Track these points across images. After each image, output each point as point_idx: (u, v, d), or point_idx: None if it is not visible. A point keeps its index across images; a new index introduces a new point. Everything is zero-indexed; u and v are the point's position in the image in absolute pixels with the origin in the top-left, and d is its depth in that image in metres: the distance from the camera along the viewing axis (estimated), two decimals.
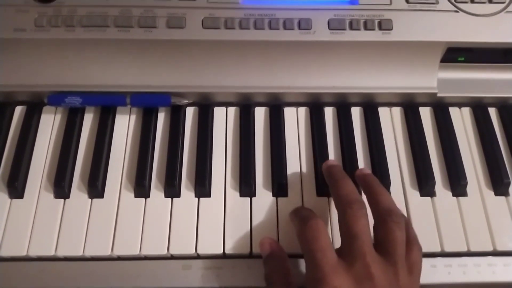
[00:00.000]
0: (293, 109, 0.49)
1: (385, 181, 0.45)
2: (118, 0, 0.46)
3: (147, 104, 0.48)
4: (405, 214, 0.44)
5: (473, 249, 0.43)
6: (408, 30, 0.46)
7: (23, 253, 0.41)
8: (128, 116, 0.48)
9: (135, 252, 0.42)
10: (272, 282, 0.39)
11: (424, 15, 0.46)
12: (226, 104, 0.49)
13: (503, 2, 0.47)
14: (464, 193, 0.45)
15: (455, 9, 0.47)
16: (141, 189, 0.44)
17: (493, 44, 0.47)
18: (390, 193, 0.45)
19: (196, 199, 0.44)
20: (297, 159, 0.46)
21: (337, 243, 0.39)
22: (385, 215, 0.38)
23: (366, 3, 0.47)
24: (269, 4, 0.47)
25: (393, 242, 0.36)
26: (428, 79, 0.48)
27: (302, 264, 0.42)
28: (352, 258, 0.35)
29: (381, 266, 0.35)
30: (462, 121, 0.49)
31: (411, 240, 0.38)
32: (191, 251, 0.42)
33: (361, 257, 0.35)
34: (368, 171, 0.44)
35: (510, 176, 0.46)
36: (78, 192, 0.44)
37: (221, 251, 0.42)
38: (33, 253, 0.41)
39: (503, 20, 0.47)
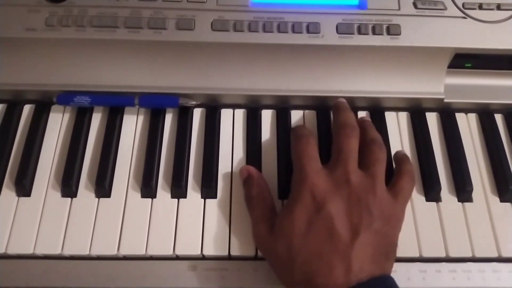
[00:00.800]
0: (300, 112, 0.50)
1: None
2: (128, 1, 0.46)
3: (155, 105, 0.48)
4: (411, 218, 0.44)
5: (478, 255, 0.43)
6: (416, 35, 0.46)
7: (29, 251, 0.42)
8: (136, 117, 0.49)
9: (141, 252, 0.42)
10: (253, 196, 0.42)
11: (432, 21, 0.47)
12: (234, 106, 0.49)
13: (511, 10, 0.47)
14: (469, 199, 0.45)
15: (463, 15, 0.47)
16: (148, 190, 0.44)
17: (501, 51, 0.47)
18: None
19: (202, 200, 0.44)
20: None
21: None
22: (370, 141, 0.42)
23: (375, 8, 0.47)
24: (278, 8, 0.47)
25: (373, 159, 0.40)
26: (435, 84, 0.48)
27: None
28: (335, 166, 0.40)
29: (360, 175, 0.39)
30: (468, 127, 0.50)
31: (403, 170, 0.42)
32: (197, 252, 0.42)
33: (343, 165, 0.39)
34: (368, 119, 0.48)
35: None
36: (85, 191, 0.44)
37: (227, 253, 0.42)
38: (40, 251, 0.42)
39: (511, 27, 0.47)
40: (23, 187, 0.44)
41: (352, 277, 0.35)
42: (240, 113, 0.49)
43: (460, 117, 0.50)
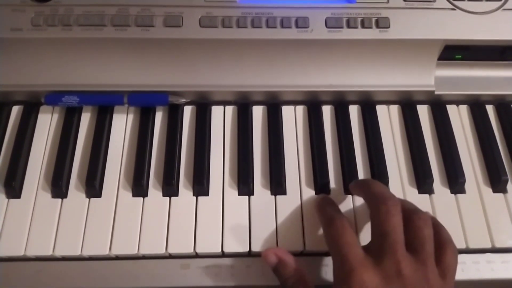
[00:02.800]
0: (291, 107, 0.49)
1: (384, 178, 0.45)
2: None
3: (144, 103, 0.48)
4: None
5: (472, 246, 0.43)
6: (405, 28, 0.46)
7: (20, 253, 0.41)
8: (125, 116, 0.48)
9: (133, 251, 0.41)
10: (290, 286, 0.38)
11: (421, 13, 0.47)
12: (224, 103, 0.49)
13: (500, 0, 0.47)
14: (462, 191, 0.45)
15: (452, 7, 0.47)
16: (139, 188, 0.44)
17: (490, 41, 0.47)
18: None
19: (194, 198, 0.44)
20: (295, 157, 0.46)
21: None
22: (411, 213, 0.37)
23: (364, 1, 0.47)
24: (267, 3, 0.46)
25: (421, 239, 0.36)
26: (426, 77, 0.48)
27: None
28: (381, 255, 0.35)
29: (411, 264, 0.35)
30: (459, 118, 0.50)
31: (443, 241, 0.38)
32: (190, 250, 0.42)
33: (391, 253, 0.35)
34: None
35: (508, 173, 0.46)
36: (75, 192, 0.44)
37: (220, 250, 0.42)
38: (31, 253, 0.41)
39: (499, 18, 0.47)
40: (13, 188, 0.43)
41: None
42: (230, 110, 0.49)
43: (451, 109, 0.50)
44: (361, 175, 0.46)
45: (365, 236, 0.43)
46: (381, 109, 0.50)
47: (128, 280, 0.41)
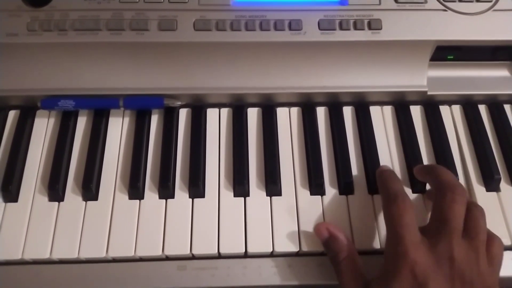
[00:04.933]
0: (286, 109, 0.50)
1: None
2: (109, 3, 0.46)
3: (140, 107, 0.48)
4: None
5: None
6: (397, 29, 0.47)
7: (18, 256, 0.41)
8: (121, 119, 0.49)
9: (130, 253, 0.42)
10: (341, 260, 0.39)
11: (413, 14, 0.47)
12: (219, 105, 0.50)
13: (490, 1, 0.48)
14: None
15: (443, 8, 0.48)
16: (135, 191, 0.44)
17: (482, 42, 0.48)
18: None
19: (190, 200, 0.44)
20: (290, 158, 0.47)
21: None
22: (472, 206, 0.39)
23: (356, 4, 0.47)
24: (260, 6, 0.47)
25: (477, 228, 0.37)
26: (418, 77, 0.48)
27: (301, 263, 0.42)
28: (437, 239, 0.36)
29: (465, 250, 0.36)
30: (452, 118, 0.50)
31: (491, 233, 0.39)
32: (186, 251, 0.42)
33: (447, 239, 0.36)
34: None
35: (501, 172, 0.46)
36: (72, 195, 0.44)
37: (216, 251, 0.42)
38: (28, 256, 0.42)
39: (490, 18, 0.47)
40: (10, 193, 0.44)
41: None
42: (225, 112, 0.50)
43: (444, 109, 0.50)
44: (355, 175, 0.46)
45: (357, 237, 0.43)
46: (374, 110, 0.50)
47: (125, 282, 0.42)
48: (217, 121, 0.49)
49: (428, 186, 0.45)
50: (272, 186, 0.45)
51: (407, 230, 0.36)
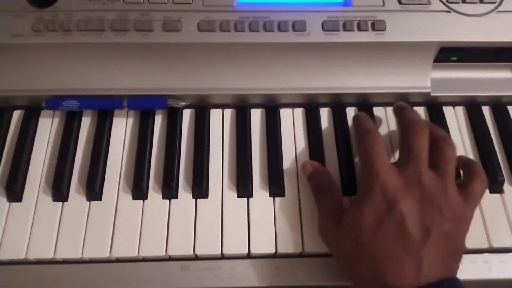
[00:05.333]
0: (289, 110, 0.50)
1: None
2: (114, 4, 0.46)
3: (144, 107, 0.48)
4: None
5: (469, 246, 0.43)
6: (401, 30, 0.47)
7: (21, 256, 0.42)
8: (125, 119, 0.49)
9: (134, 254, 0.42)
10: (321, 191, 0.43)
11: (416, 15, 0.47)
12: (223, 106, 0.50)
13: (494, 2, 0.48)
14: None
15: (447, 9, 0.48)
16: (139, 191, 0.44)
17: (485, 43, 0.48)
18: None
19: (194, 200, 0.44)
20: (293, 159, 0.47)
21: None
22: (438, 139, 0.40)
23: (359, 5, 0.47)
24: (264, 7, 0.47)
25: (443, 158, 0.39)
26: (422, 79, 0.48)
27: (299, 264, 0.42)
28: (405, 164, 0.38)
29: (432, 176, 0.38)
30: (456, 120, 0.50)
31: (476, 171, 0.41)
32: (189, 252, 0.42)
33: (414, 164, 0.38)
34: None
35: (504, 174, 0.46)
36: (76, 195, 0.44)
37: (219, 252, 0.42)
38: (32, 256, 0.42)
39: (494, 20, 0.47)
40: (14, 192, 0.44)
41: (422, 277, 0.35)
42: (229, 113, 0.50)
43: (447, 110, 0.50)
44: (359, 176, 0.46)
45: None
46: (378, 111, 0.50)
47: (129, 283, 0.42)
48: (220, 122, 0.49)
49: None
50: (276, 187, 0.45)
51: (378, 156, 0.39)
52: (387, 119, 0.50)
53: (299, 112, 0.50)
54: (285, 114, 0.50)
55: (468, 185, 0.39)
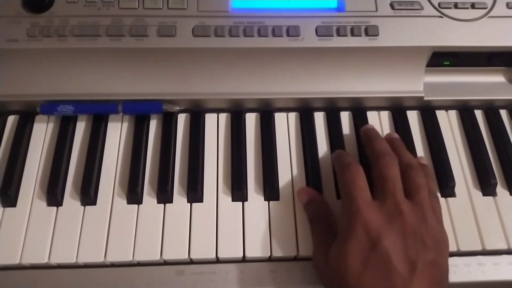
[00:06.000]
0: (284, 114, 0.50)
1: None
2: (109, 9, 0.46)
3: (139, 112, 0.48)
4: None
5: (463, 249, 0.43)
6: (394, 35, 0.47)
7: (16, 261, 0.41)
8: (120, 124, 0.49)
9: (128, 258, 0.42)
10: (316, 221, 0.42)
11: (409, 20, 0.48)
12: (218, 111, 0.50)
13: (485, 8, 0.49)
14: (452, 194, 0.46)
15: (439, 14, 0.48)
16: (134, 196, 0.44)
17: (477, 48, 0.48)
18: None
19: (189, 204, 0.44)
20: (288, 163, 0.47)
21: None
22: (406, 167, 0.41)
23: (353, 10, 0.48)
24: (258, 12, 0.48)
25: (416, 186, 0.40)
26: (415, 83, 0.49)
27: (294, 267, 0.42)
28: (383, 197, 0.39)
29: (410, 205, 0.38)
30: (449, 123, 0.50)
31: (431, 191, 0.42)
32: (184, 256, 0.42)
33: (391, 195, 0.38)
34: (397, 135, 0.47)
35: (497, 177, 0.47)
36: (70, 200, 0.44)
37: (214, 256, 0.42)
38: (26, 261, 0.42)
39: (486, 25, 0.48)
40: (8, 197, 0.44)
41: None
42: (224, 117, 0.50)
43: (440, 114, 0.51)
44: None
45: None
46: (372, 115, 0.50)
47: (123, 287, 0.42)
48: (215, 126, 0.49)
49: None
50: (270, 191, 0.45)
51: (359, 191, 0.39)
52: (380, 124, 0.50)
53: (293, 116, 0.50)
54: (280, 118, 0.50)
55: (432, 206, 0.40)
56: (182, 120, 0.49)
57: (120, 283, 0.42)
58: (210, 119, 0.49)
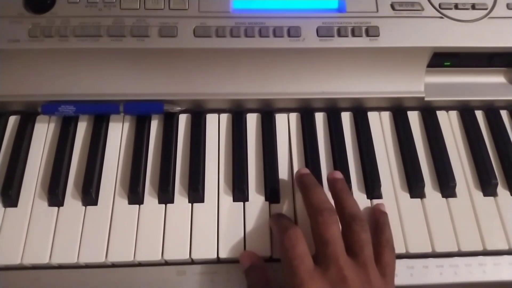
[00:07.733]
0: (284, 115, 0.50)
1: (376, 183, 0.45)
2: (110, 10, 0.46)
3: (140, 112, 0.48)
4: (396, 215, 0.44)
5: (464, 249, 0.43)
6: (394, 36, 0.47)
7: (17, 261, 0.41)
8: (121, 124, 0.49)
9: (129, 258, 0.42)
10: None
11: (410, 21, 0.48)
12: (219, 111, 0.50)
13: (486, 8, 0.49)
14: (453, 194, 0.46)
15: (440, 15, 0.48)
16: (135, 196, 0.44)
17: (478, 48, 0.48)
18: (381, 195, 0.46)
19: (190, 204, 0.44)
20: (289, 164, 0.47)
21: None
22: (349, 219, 0.39)
23: (354, 11, 0.48)
24: (259, 13, 0.48)
25: (359, 243, 0.38)
26: (416, 83, 0.49)
27: None
28: (326, 264, 0.37)
29: (353, 268, 0.37)
30: (449, 124, 0.50)
31: (382, 242, 0.40)
32: (185, 256, 0.42)
33: (334, 261, 0.36)
34: (340, 176, 0.44)
35: (498, 177, 0.47)
36: (72, 200, 0.44)
37: (215, 256, 0.42)
38: (28, 261, 0.42)
39: (486, 26, 0.48)
40: (10, 197, 0.44)
41: None
42: (225, 118, 0.50)
43: (441, 115, 0.51)
44: (353, 180, 0.46)
45: None
46: (372, 116, 0.50)
47: (125, 287, 0.42)
48: (216, 127, 0.49)
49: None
50: (271, 192, 0.45)
51: (301, 260, 0.37)
52: (381, 124, 0.50)
53: (294, 116, 0.50)
54: (281, 119, 0.50)
55: (380, 259, 0.39)
56: (183, 120, 0.49)
57: (121, 283, 0.42)
58: (211, 120, 0.50)
